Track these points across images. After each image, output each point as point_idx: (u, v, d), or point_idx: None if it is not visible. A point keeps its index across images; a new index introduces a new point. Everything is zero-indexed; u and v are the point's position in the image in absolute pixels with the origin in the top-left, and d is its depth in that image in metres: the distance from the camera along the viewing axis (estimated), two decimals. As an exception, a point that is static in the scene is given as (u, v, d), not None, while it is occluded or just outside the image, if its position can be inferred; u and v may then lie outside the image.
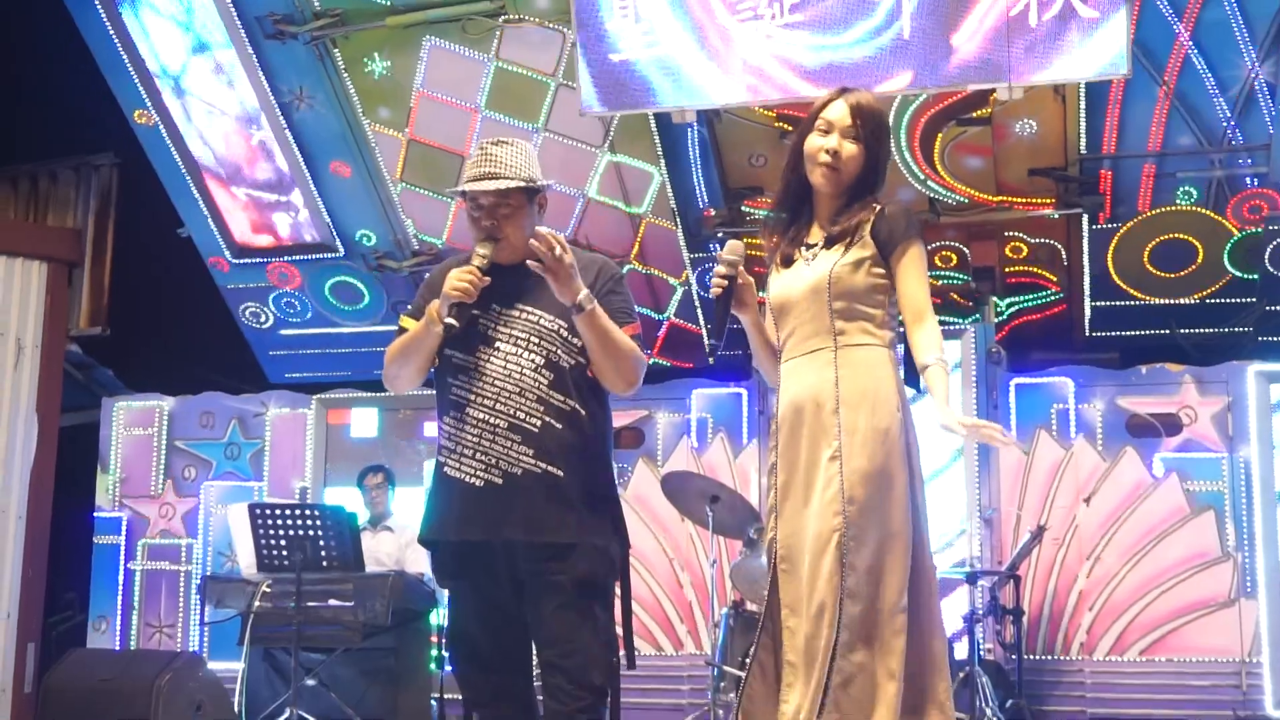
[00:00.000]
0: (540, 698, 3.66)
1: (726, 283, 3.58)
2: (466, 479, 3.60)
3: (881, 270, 3.48)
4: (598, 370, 3.66)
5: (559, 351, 3.63)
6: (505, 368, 3.61)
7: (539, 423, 3.59)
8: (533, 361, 3.61)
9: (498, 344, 3.64)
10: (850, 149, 3.50)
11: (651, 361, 9.39)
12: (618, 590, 3.75)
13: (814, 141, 3.54)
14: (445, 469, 3.65)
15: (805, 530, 3.43)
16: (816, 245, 3.56)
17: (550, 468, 3.58)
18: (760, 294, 3.71)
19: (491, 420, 3.59)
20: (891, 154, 3.65)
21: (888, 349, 3.49)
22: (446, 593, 3.86)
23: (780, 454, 3.53)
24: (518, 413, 3.59)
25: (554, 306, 3.62)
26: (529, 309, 3.66)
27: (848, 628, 3.31)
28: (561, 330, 3.64)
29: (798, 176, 3.61)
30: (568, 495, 3.59)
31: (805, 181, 3.59)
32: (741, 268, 3.60)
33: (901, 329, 3.51)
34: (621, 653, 3.73)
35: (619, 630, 3.74)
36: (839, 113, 3.52)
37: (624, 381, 3.68)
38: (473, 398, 3.62)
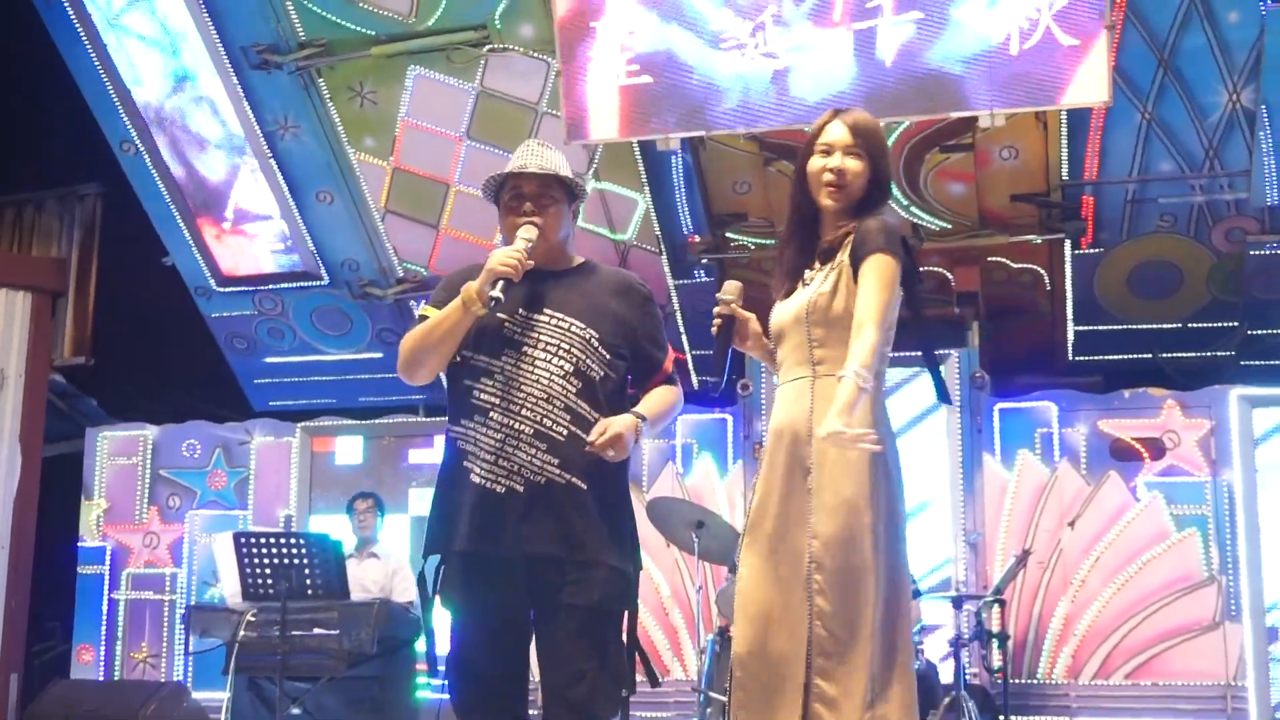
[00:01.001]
0: None
1: (722, 320, 3.58)
2: (488, 484, 3.47)
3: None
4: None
5: (589, 361, 3.54)
6: (534, 373, 3.51)
7: (565, 432, 3.48)
8: (561, 369, 3.52)
9: (525, 349, 3.53)
10: (854, 165, 3.49)
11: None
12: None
13: (815, 164, 3.52)
14: (470, 475, 3.49)
15: (771, 561, 3.42)
16: (815, 268, 3.54)
17: (574, 479, 3.47)
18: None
19: (516, 425, 3.48)
20: (893, 171, 3.64)
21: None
22: (441, 608, 3.61)
23: (759, 480, 3.53)
24: (544, 420, 3.48)
25: (585, 314, 3.58)
26: (559, 315, 3.57)
27: (819, 656, 3.31)
28: (592, 339, 3.56)
29: (805, 202, 3.58)
30: (590, 511, 3.48)
31: (814, 207, 3.56)
32: (737, 306, 3.59)
33: (889, 353, 3.47)
34: (640, 676, 3.63)
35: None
36: (838, 133, 3.52)
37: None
38: (497, 402, 3.50)
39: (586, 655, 3.45)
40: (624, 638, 3.57)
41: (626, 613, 3.59)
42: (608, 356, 3.57)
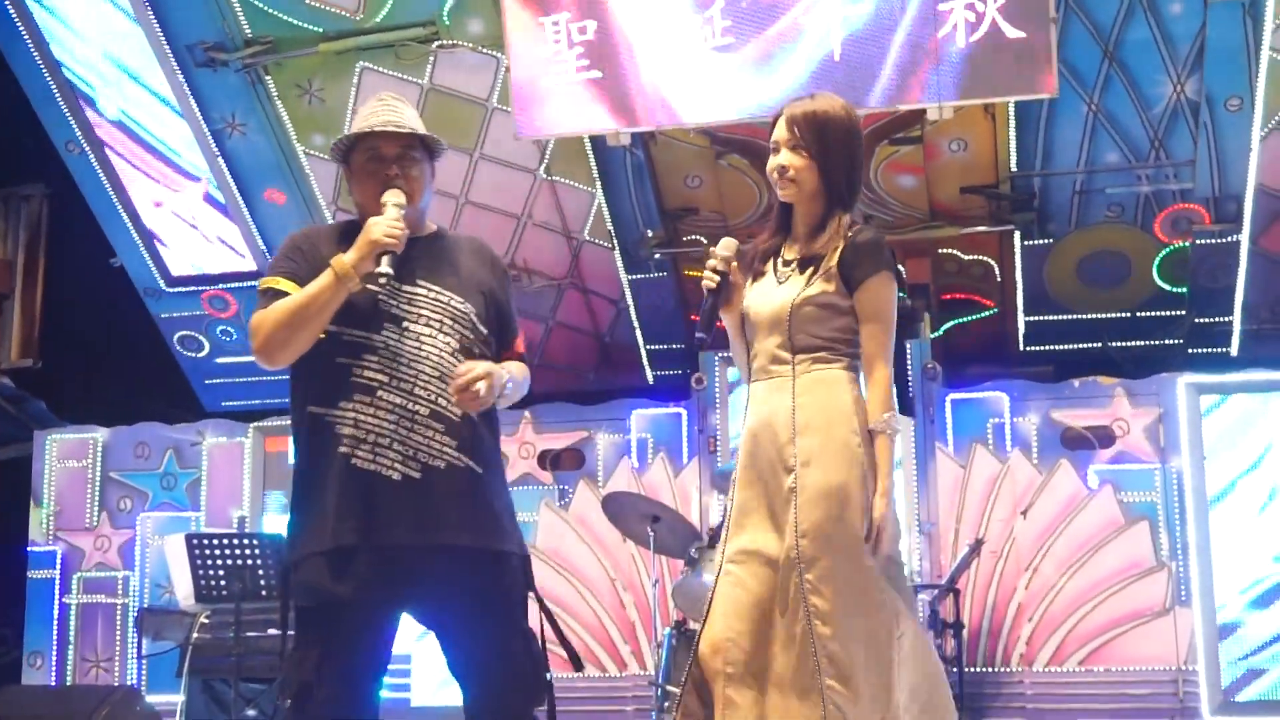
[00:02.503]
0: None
1: (719, 278, 3.51)
2: (382, 471, 3.19)
3: (847, 302, 3.44)
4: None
5: (470, 336, 3.32)
6: (421, 349, 3.25)
7: (459, 412, 3.24)
8: (449, 345, 3.28)
9: (406, 323, 3.27)
10: (796, 161, 3.47)
11: (591, 380, 9.42)
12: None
13: (770, 163, 3.53)
14: (353, 461, 3.20)
15: (751, 558, 3.41)
16: (793, 264, 3.52)
17: (472, 463, 3.26)
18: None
19: (410, 406, 3.22)
20: (855, 156, 3.55)
21: (847, 371, 3.46)
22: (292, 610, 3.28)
23: (738, 476, 3.51)
24: (439, 399, 3.23)
25: (459, 287, 3.35)
26: (435, 288, 3.33)
27: (824, 657, 3.29)
28: (471, 315, 3.34)
29: (779, 200, 3.60)
30: (490, 495, 3.30)
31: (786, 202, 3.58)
32: (735, 264, 3.55)
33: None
34: (564, 654, 3.49)
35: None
36: (779, 128, 3.52)
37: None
38: (387, 379, 3.22)
39: (509, 639, 3.27)
40: (539, 622, 3.42)
41: (535, 598, 3.41)
42: (484, 332, 3.37)
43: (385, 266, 3.19)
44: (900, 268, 3.54)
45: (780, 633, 3.36)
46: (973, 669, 7.67)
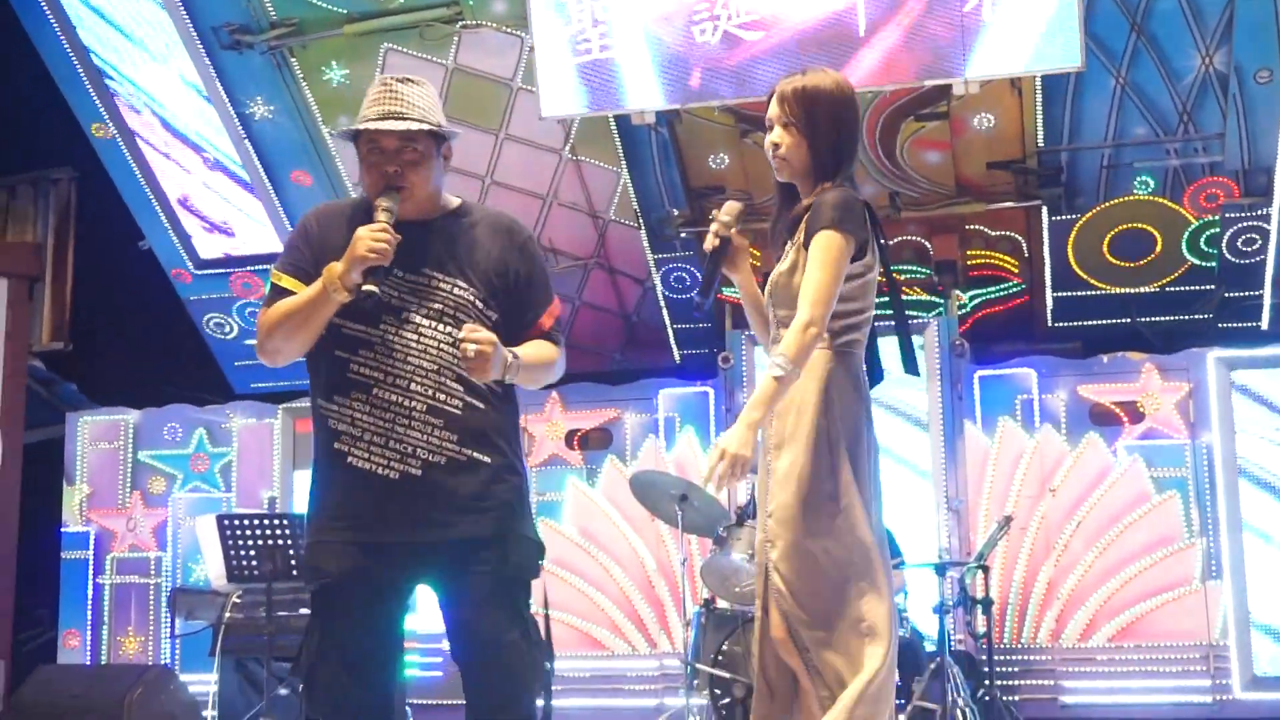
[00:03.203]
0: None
1: (719, 241, 3.45)
2: (378, 470, 3.16)
3: None
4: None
5: (475, 324, 3.18)
6: (419, 342, 3.18)
7: (460, 404, 3.19)
8: (449, 335, 3.17)
9: (406, 315, 3.19)
10: (786, 138, 3.44)
11: (618, 360, 9.43)
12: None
13: (765, 141, 3.51)
14: (349, 459, 3.18)
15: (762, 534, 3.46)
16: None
17: (476, 453, 3.20)
18: (725, 291, 3.70)
19: (406, 403, 3.17)
20: (844, 131, 3.45)
21: (827, 349, 3.37)
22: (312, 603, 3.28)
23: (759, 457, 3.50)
24: (437, 394, 3.18)
25: (465, 272, 3.25)
26: (439, 276, 3.23)
27: (778, 628, 3.34)
28: (476, 301, 3.23)
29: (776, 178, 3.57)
30: (495, 482, 3.22)
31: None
32: (736, 230, 3.48)
33: (848, 320, 3.40)
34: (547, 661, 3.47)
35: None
36: (771, 105, 3.48)
37: (549, 382, 3.42)
38: (381, 376, 3.17)
39: (505, 628, 3.20)
40: (541, 607, 3.41)
41: (538, 582, 3.37)
42: (494, 316, 3.25)
43: (369, 285, 3.10)
44: (926, 242, 3.52)
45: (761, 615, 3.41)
46: (1002, 645, 7.67)
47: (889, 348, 3.58)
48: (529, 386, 3.35)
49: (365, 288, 3.09)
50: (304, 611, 6.69)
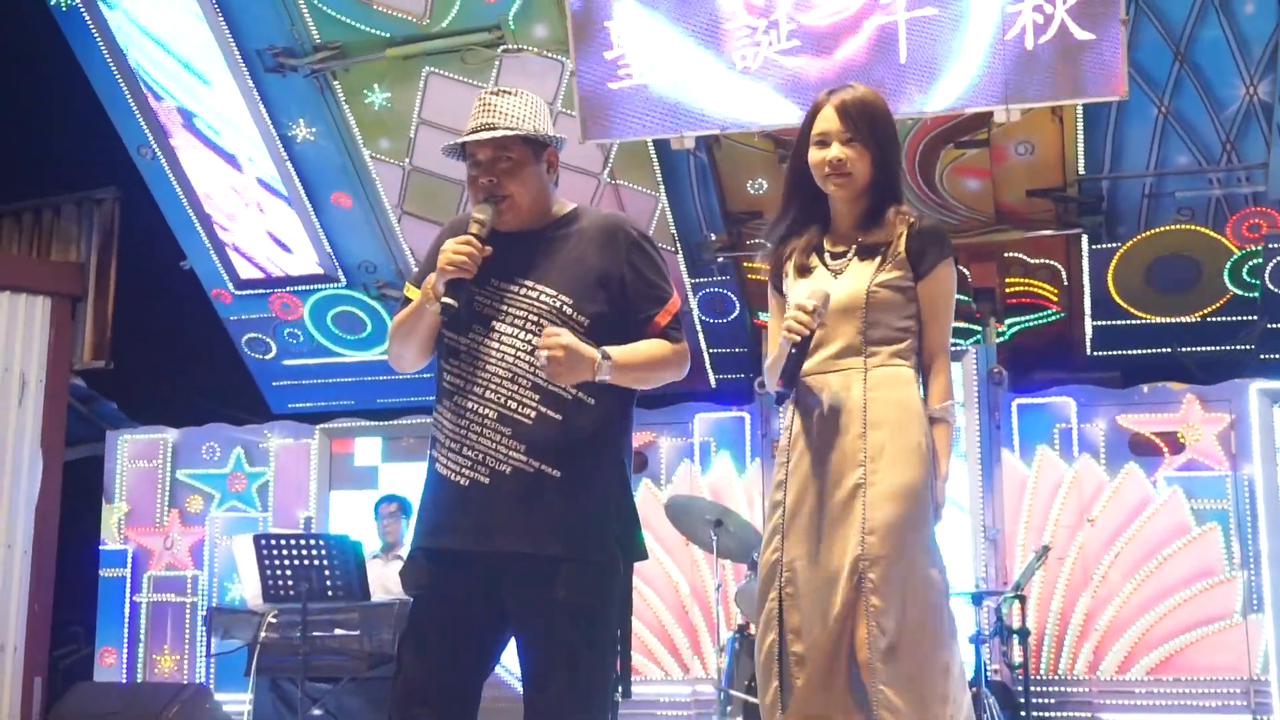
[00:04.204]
0: None
1: (808, 333, 3.31)
2: (453, 477, 3.16)
3: (913, 289, 3.37)
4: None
5: (558, 329, 3.12)
6: (498, 350, 3.16)
7: (533, 414, 3.13)
8: (528, 343, 3.14)
9: (494, 324, 3.18)
10: (851, 153, 3.36)
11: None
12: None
13: (814, 156, 3.41)
14: (436, 465, 3.22)
15: (816, 558, 3.29)
16: (846, 255, 3.41)
17: (544, 466, 3.12)
18: (760, 316, 3.65)
19: (480, 410, 3.15)
20: (898, 144, 3.48)
21: (914, 370, 3.39)
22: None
23: (791, 471, 3.36)
24: (509, 402, 3.14)
25: (559, 279, 3.19)
26: (529, 284, 3.19)
27: (880, 660, 3.19)
28: (565, 307, 3.17)
29: (805, 186, 3.48)
30: (563, 500, 3.12)
31: (815, 191, 3.46)
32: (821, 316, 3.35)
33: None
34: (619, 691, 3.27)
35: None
36: (829, 120, 3.39)
37: (673, 380, 3.33)
38: (463, 384, 3.18)
39: (552, 659, 3.11)
40: (607, 637, 3.20)
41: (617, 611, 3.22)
42: (585, 322, 3.17)
43: (447, 298, 3.11)
44: (965, 270, 3.50)
45: (832, 635, 3.25)
46: (1039, 676, 7.61)
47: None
48: (640, 387, 3.28)
49: (444, 299, 3.11)
50: (339, 632, 6.71)
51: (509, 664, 3.36)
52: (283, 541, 6.78)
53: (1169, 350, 8.73)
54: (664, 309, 3.27)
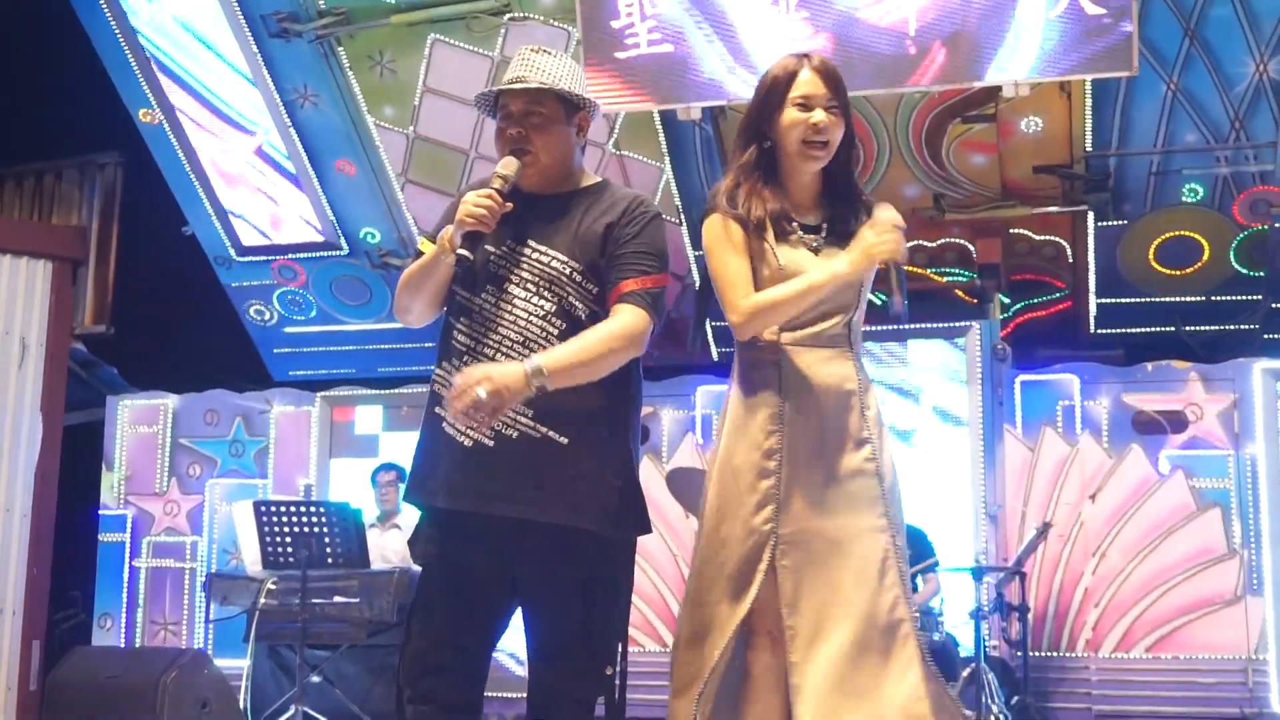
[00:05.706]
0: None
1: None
2: (457, 436, 3.11)
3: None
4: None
5: (572, 299, 3.12)
6: (511, 312, 3.12)
7: None
8: (541, 308, 3.11)
9: (507, 285, 3.14)
10: (833, 121, 3.24)
11: (655, 356, 9.39)
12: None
13: (794, 117, 3.24)
14: (441, 423, 3.14)
15: (828, 530, 3.21)
16: (820, 231, 3.27)
17: (551, 433, 3.08)
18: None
19: None
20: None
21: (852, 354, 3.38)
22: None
23: (788, 443, 3.26)
24: None
25: (569, 245, 3.15)
26: (542, 248, 3.15)
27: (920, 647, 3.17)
28: (575, 274, 3.13)
29: (766, 149, 3.29)
30: (570, 468, 3.08)
31: (773, 155, 3.29)
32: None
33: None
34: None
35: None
36: (813, 84, 3.25)
37: (625, 362, 3.18)
38: (473, 344, 3.13)
39: (557, 630, 3.11)
40: (612, 611, 3.18)
41: (618, 583, 3.21)
42: (594, 290, 3.14)
43: (463, 249, 3.07)
44: (970, 245, 3.45)
45: (858, 603, 3.17)
46: (1038, 653, 7.61)
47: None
48: (591, 378, 3.10)
49: (459, 251, 3.07)
50: (338, 599, 6.71)
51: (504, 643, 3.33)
52: (283, 508, 6.79)
53: (1173, 329, 8.71)
54: (639, 278, 3.15)
